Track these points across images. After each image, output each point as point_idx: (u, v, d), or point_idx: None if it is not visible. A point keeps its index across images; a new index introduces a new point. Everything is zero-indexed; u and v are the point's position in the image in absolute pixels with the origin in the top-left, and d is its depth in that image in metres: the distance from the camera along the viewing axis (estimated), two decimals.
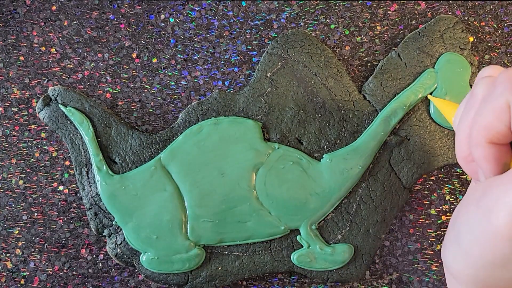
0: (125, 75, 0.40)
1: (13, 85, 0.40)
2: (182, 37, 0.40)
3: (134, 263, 0.37)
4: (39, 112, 0.37)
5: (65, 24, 0.40)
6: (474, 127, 0.20)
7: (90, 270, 0.39)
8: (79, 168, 0.37)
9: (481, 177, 0.21)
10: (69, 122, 0.37)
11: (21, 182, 0.39)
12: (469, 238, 0.19)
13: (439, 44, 0.38)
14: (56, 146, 0.39)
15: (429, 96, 0.36)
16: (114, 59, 0.40)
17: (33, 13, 0.40)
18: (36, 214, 0.39)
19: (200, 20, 0.40)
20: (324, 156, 0.37)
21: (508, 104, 0.19)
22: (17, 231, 0.39)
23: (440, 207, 0.39)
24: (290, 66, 0.38)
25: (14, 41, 0.40)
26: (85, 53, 0.40)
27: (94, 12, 0.40)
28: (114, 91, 0.39)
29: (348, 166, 0.36)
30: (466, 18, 0.40)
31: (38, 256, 0.39)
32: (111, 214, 0.36)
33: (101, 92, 0.39)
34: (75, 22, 0.40)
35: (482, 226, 0.18)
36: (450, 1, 0.40)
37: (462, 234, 0.20)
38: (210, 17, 0.40)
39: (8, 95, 0.39)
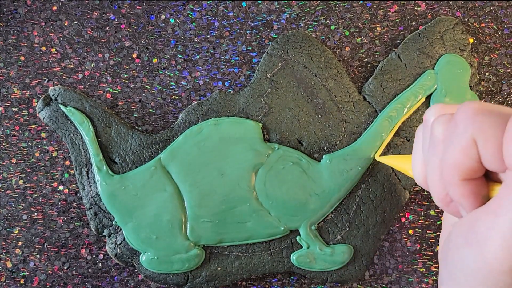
0: (125, 75, 0.40)
1: (13, 85, 0.40)
2: (182, 37, 0.40)
3: (133, 263, 0.37)
4: (39, 112, 0.38)
5: (65, 24, 0.40)
6: (444, 168, 0.20)
7: (90, 270, 0.39)
8: (79, 168, 0.37)
9: (464, 214, 0.21)
10: (69, 122, 0.37)
11: (21, 182, 0.39)
12: (465, 275, 0.19)
13: (439, 45, 0.38)
14: (56, 146, 0.39)
15: (377, 158, 0.36)
16: (114, 59, 0.40)
17: (33, 13, 0.40)
18: (36, 214, 0.39)
19: (200, 20, 0.40)
20: (324, 157, 0.37)
21: (474, 139, 0.18)
22: (17, 231, 0.39)
23: (440, 208, 0.39)
24: (290, 67, 0.38)
25: (14, 41, 0.40)
26: (85, 53, 0.40)
27: (94, 12, 0.40)
28: (115, 91, 0.39)
29: (348, 167, 0.36)
30: (466, 19, 0.40)
31: (38, 256, 0.39)
32: (111, 214, 0.36)
33: (102, 92, 0.39)
34: (75, 22, 0.40)
35: (476, 262, 0.18)
36: (450, 2, 0.40)
37: (457, 272, 0.20)
38: (211, 18, 0.40)
39: (9, 95, 0.39)
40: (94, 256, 0.39)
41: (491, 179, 0.20)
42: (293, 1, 0.40)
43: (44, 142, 0.39)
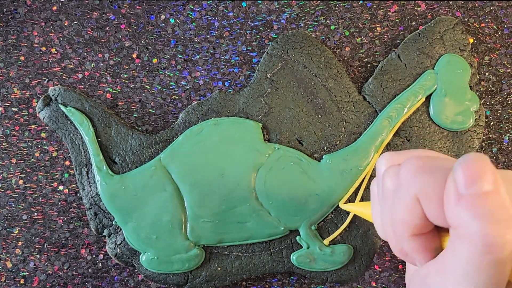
0: (125, 76, 0.40)
1: (13, 85, 0.40)
2: (182, 37, 0.40)
3: (133, 263, 0.37)
4: (39, 112, 0.38)
5: (65, 24, 0.40)
6: (394, 223, 0.20)
7: (90, 270, 0.39)
8: (79, 168, 0.37)
9: (418, 265, 0.21)
10: (69, 122, 0.37)
11: (21, 182, 0.39)
12: None
13: (439, 45, 0.38)
14: (56, 146, 0.39)
15: (341, 205, 0.36)
16: (114, 59, 0.40)
17: (33, 13, 0.40)
18: (36, 214, 0.39)
19: (200, 20, 0.40)
20: (324, 157, 0.37)
21: (416, 197, 0.18)
22: (17, 231, 0.39)
23: None
24: (290, 67, 0.38)
25: (14, 41, 0.40)
26: (85, 53, 0.40)
27: (94, 13, 0.40)
28: (115, 91, 0.39)
29: (348, 167, 0.36)
30: (466, 19, 0.40)
31: (38, 256, 0.39)
32: (111, 214, 0.36)
33: (102, 92, 0.39)
34: (75, 22, 0.40)
35: None
36: (450, 2, 0.40)
37: None
38: (211, 18, 0.40)
39: (9, 95, 0.40)
40: (94, 256, 0.39)
41: (443, 228, 0.20)
42: (293, 1, 0.40)
43: (44, 142, 0.39)
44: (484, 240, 0.16)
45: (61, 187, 0.39)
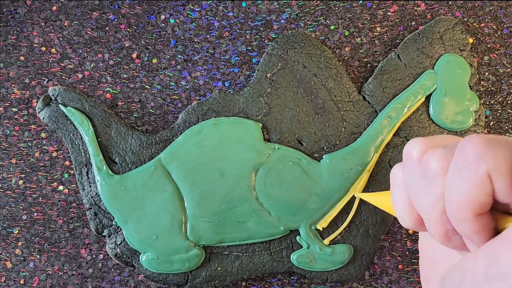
0: (125, 76, 0.40)
1: (13, 85, 0.40)
2: (182, 37, 0.40)
3: (133, 263, 0.37)
4: (39, 112, 0.37)
5: (65, 24, 0.40)
6: (453, 204, 0.19)
7: (90, 270, 0.39)
8: (79, 168, 0.37)
9: (472, 247, 0.20)
10: (69, 122, 0.37)
11: (21, 182, 0.39)
12: None
13: (439, 45, 0.38)
14: (56, 146, 0.39)
15: (356, 195, 0.36)
16: (114, 59, 0.40)
17: (33, 13, 0.40)
18: (36, 214, 0.39)
19: (200, 20, 0.40)
20: (324, 156, 0.37)
21: (488, 173, 0.18)
22: (17, 231, 0.39)
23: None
24: (290, 66, 0.38)
25: (14, 41, 0.40)
26: (85, 54, 0.40)
27: (94, 13, 0.40)
28: (114, 91, 0.39)
29: (348, 166, 0.36)
30: (465, 19, 0.40)
31: (38, 256, 0.39)
32: (111, 214, 0.36)
33: (101, 92, 0.39)
34: (75, 22, 0.40)
35: None
36: (450, 2, 0.40)
37: None
38: (210, 18, 0.40)
39: (8, 95, 0.39)
40: (94, 256, 0.39)
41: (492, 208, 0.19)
42: (293, 1, 0.40)
43: (44, 142, 0.39)
44: None
45: (61, 187, 0.39)
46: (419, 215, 0.22)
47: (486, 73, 0.40)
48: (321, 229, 0.37)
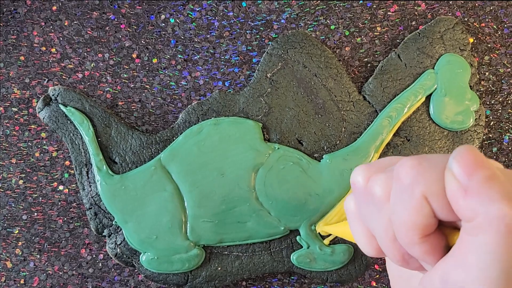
0: (125, 75, 0.40)
1: (13, 85, 0.40)
2: (182, 37, 0.40)
3: (134, 263, 0.37)
4: (39, 112, 0.38)
5: (65, 24, 0.40)
6: (400, 230, 0.19)
7: (90, 270, 0.39)
8: (79, 168, 0.37)
9: (428, 267, 0.20)
10: (69, 122, 0.37)
11: (21, 182, 0.39)
12: None
13: (439, 45, 0.38)
14: (56, 146, 0.39)
15: (318, 229, 0.36)
16: (114, 59, 0.40)
17: (33, 13, 0.40)
18: (36, 214, 0.39)
19: (200, 20, 0.40)
20: (324, 156, 0.37)
21: (424, 196, 0.18)
22: (17, 231, 0.39)
23: None
24: (290, 66, 0.38)
25: (14, 41, 0.40)
26: (85, 53, 0.40)
27: (94, 12, 0.40)
28: (115, 91, 0.39)
29: (348, 166, 0.36)
30: (466, 19, 0.40)
31: (38, 256, 0.39)
32: (111, 214, 0.36)
33: (101, 92, 0.39)
34: (75, 22, 0.40)
35: None
36: (450, 2, 0.40)
37: None
38: (211, 18, 0.40)
39: (9, 95, 0.40)
40: (94, 256, 0.39)
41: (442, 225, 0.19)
42: (293, 1, 0.40)
43: (44, 142, 0.39)
44: (506, 220, 0.16)
45: (61, 187, 0.39)
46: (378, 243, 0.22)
47: (487, 73, 0.40)
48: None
